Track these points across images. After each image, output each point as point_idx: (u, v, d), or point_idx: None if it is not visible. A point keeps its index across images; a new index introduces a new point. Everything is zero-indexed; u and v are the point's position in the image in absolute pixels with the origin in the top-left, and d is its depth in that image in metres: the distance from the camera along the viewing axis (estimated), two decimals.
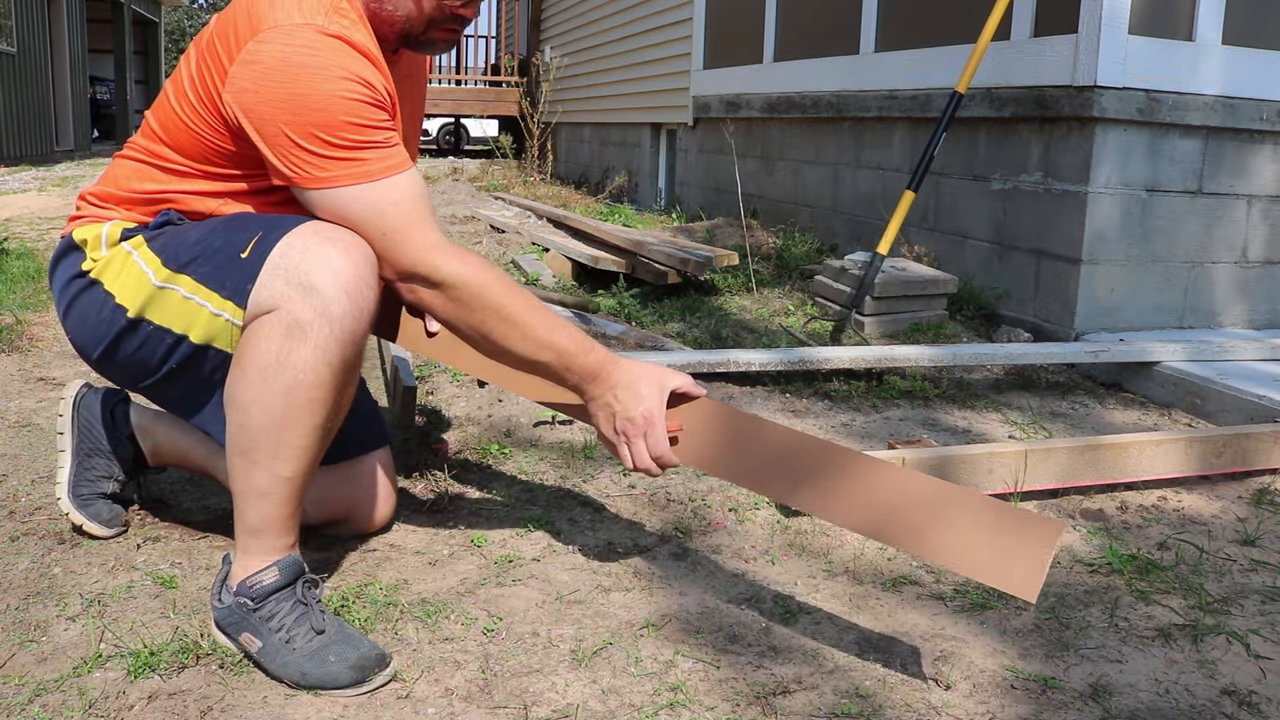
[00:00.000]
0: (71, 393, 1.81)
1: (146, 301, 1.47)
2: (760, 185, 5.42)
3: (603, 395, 1.52)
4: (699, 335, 3.28)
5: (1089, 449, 2.07)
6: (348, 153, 1.37)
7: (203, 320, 1.45)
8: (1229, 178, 3.31)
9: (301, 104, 1.35)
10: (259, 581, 1.40)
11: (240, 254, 1.40)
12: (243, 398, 1.38)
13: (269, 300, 1.37)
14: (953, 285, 3.49)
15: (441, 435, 2.32)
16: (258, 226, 1.44)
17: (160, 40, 23.66)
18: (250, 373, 1.37)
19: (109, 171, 1.60)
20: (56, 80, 14.80)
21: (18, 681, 1.33)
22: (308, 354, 1.35)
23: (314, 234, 1.39)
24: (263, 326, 1.37)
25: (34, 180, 9.52)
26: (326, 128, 1.35)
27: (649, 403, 1.51)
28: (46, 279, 4.09)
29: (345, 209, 1.40)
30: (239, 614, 1.40)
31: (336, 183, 1.38)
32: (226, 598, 1.42)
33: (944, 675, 1.42)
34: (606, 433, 1.55)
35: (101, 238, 1.52)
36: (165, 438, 1.79)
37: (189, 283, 1.44)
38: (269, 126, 1.37)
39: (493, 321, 1.45)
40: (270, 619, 1.38)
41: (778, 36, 5.40)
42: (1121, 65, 3.10)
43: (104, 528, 1.74)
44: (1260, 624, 1.60)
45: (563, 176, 9.53)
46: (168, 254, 1.47)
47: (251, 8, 1.41)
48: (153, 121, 1.53)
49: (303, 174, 1.38)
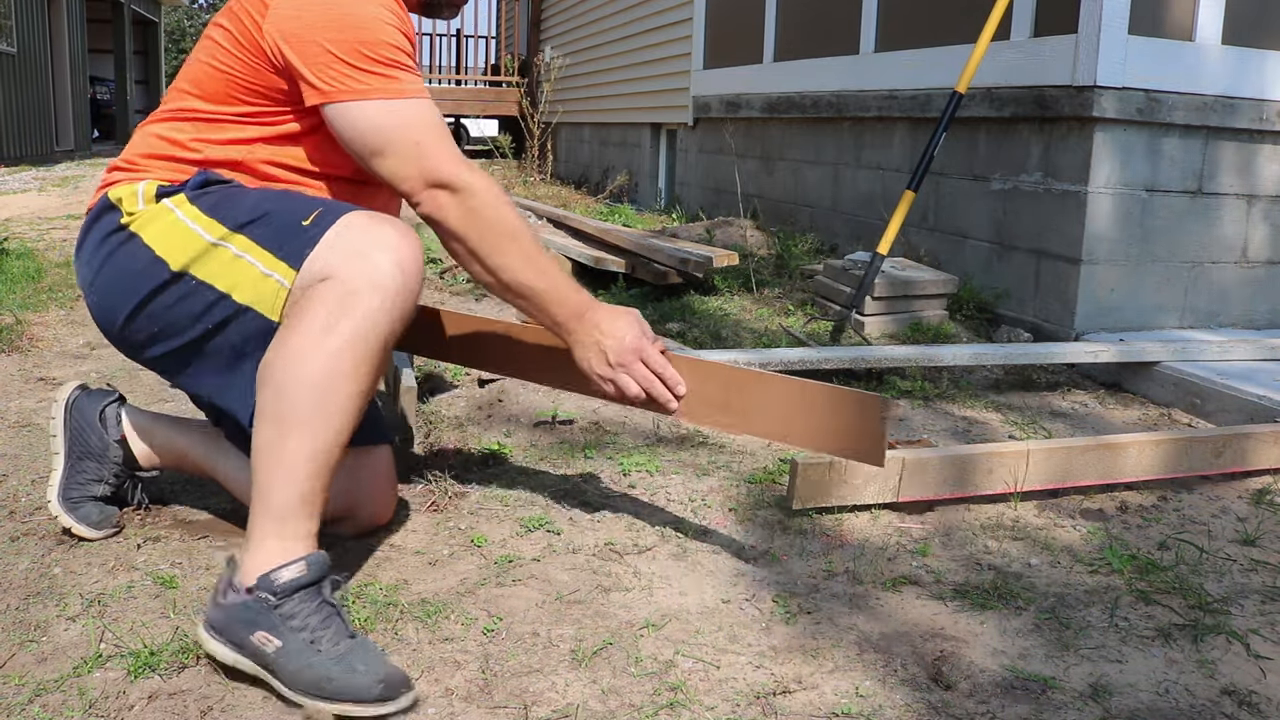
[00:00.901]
0: (64, 395, 1.80)
1: (194, 257, 1.48)
2: (760, 185, 5.42)
3: (589, 334, 1.57)
4: (699, 335, 3.28)
5: (1089, 449, 2.07)
6: (384, 68, 1.46)
7: (251, 279, 1.46)
8: (1229, 178, 3.31)
9: (345, 22, 1.45)
10: (283, 576, 1.32)
11: (302, 221, 1.44)
12: (286, 360, 1.37)
13: (324, 269, 1.40)
14: (953, 285, 3.49)
15: (441, 435, 2.33)
16: (319, 202, 1.49)
17: (160, 40, 23.67)
18: (298, 335, 1.37)
19: (135, 142, 1.63)
20: (56, 80, 14.80)
21: (18, 681, 1.33)
22: (358, 320, 1.37)
23: (373, 217, 1.45)
24: (317, 292, 1.39)
25: (34, 180, 9.52)
26: (367, 44, 1.45)
27: (634, 330, 1.57)
28: (48, 277, 4.10)
29: (378, 118, 1.46)
30: (252, 611, 1.31)
31: (373, 94, 1.46)
32: (233, 595, 1.33)
33: (944, 675, 1.42)
34: (599, 369, 1.58)
35: (138, 194, 1.54)
36: (162, 439, 1.79)
37: (243, 241, 1.47)
38: (310, 46, 1.45)
39: (497, 236, 1.51)
40: (292, 617, 1.30)
41: (778, 36, 5.40)
42: (1121, 65, 3.10)
43: (93, 530, 1.73)
44: (1260, 624, 1.60)
45: (563, 176, 9.53)
46: (221, 213, 1.49)
47: None
48: (181, 84, 1.60)
49: (340, 86, 1.45)
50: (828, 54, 4.80)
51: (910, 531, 1.91)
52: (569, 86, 9.46)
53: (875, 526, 1.92)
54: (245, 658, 1.32)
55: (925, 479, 1.96)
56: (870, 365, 2.84)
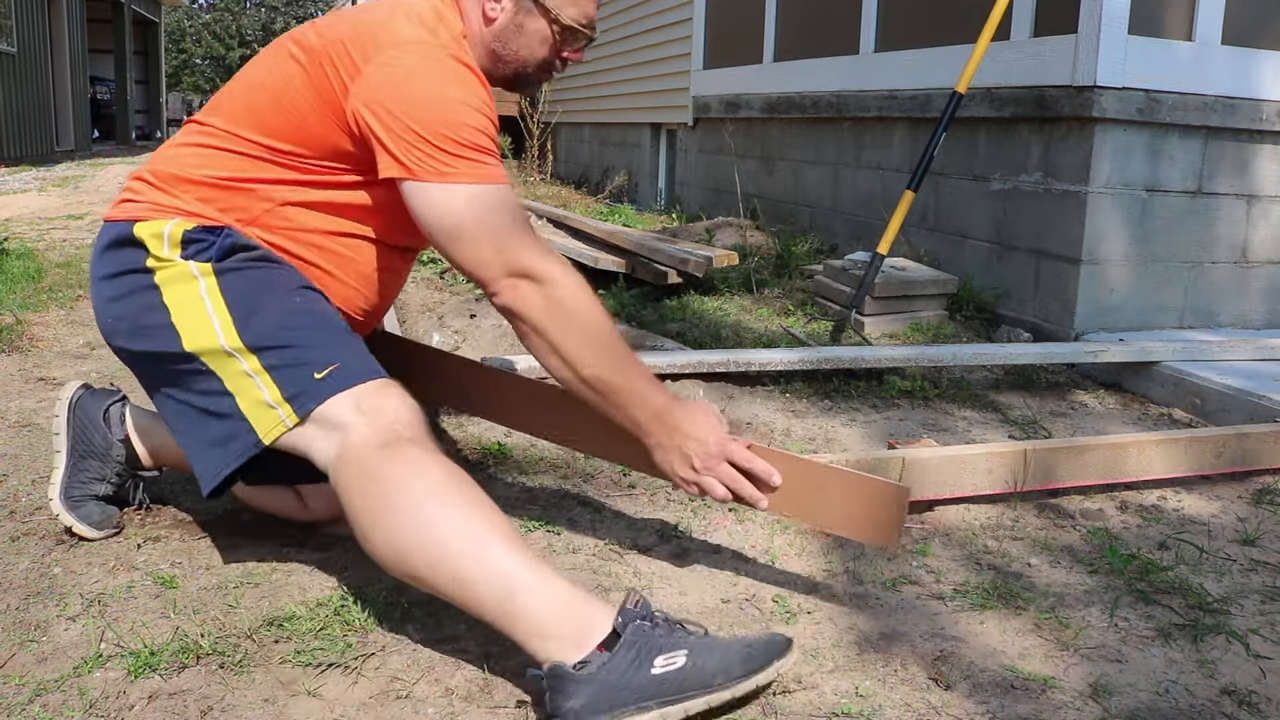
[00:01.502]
0: (68, 394, 1.80)
1: (206, 351, 1.47)
2: (760, 185, 5.42)
3: (671, 438, 1.52)
4: (699, 335, 3.28)
5: (1089, 449, 2.07)
6: (471, 153, 1.44)
7: (254, 399, 1.44)
8: (1228, 178, 3.31)
9: (434, 104, 1.44)
10: (631, 610, 1.28)
11: (315, 374, 1.42)
12: (402, 537, 1.31)
13: (335, 417, 1.39)
14: (952, 285, 3.49)
15: (442, 435, 2.33)
16: (338, 349, 1.46)
17: (160, 40, 23.66)
18: (385, 514, 1.32)
19: (169, 157, 1.58)
20: (56, 80, 14.80)
21: (18, 681, 1.33)
22: (404, 470, 1.33)
23: (382, 388, 1.43)
24: (347, 465, 1.36)
25: (34, 180, 9.52)
26: (455, 128, 1.43)
27: (716, 431, 1.54)
28: (48, 277, 4.10)
29: (458, 202, 1.44)
30: (637, 643, 1.24)
31: (456, 179, 1.44)
32: (597, 657, 1.24)
33: (944, 675, 1.42)
34: (683, 473, 1.54)
35: (163, 237, 1.51)
36: (165, 439, 1.79)
37: (255, 364, 1.45)
38: (397, 122, 1.43)
39: (580, 329, 1.47)
40: (673, 632, 1.28)
41: (778, 36, 5.40)
42: (1121, 65, 3.10)
43: (94, 529, 1.73)
44: (1260, 624, 1.60)
45: (562, 176, 9.53)
46: (243, 321, 1.47)
47: (389, 21, 1.51)
48: (239, 104, 1.56)
49: (424, 167, 1.43)
50: (828, 54, 4.80)
51: (910, 531, 1.91)
52: (569, 86, 9.46)
53: None
54: (660, 706, 1.24)
55: (925, 479, 1.96)
56: (870, 365, 2.84)
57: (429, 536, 1.29)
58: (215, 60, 38.85)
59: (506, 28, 1.60)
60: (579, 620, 1.27)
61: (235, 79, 1.61)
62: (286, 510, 1.77)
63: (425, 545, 1.29)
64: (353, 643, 1.45)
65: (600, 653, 1.24)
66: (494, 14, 1.59)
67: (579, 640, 1.25)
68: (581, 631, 1.26)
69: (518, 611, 1.26)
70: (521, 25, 1.60)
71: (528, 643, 1.27)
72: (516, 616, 1.27)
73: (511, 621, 1.27)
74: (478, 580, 1.28)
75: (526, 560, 1.29)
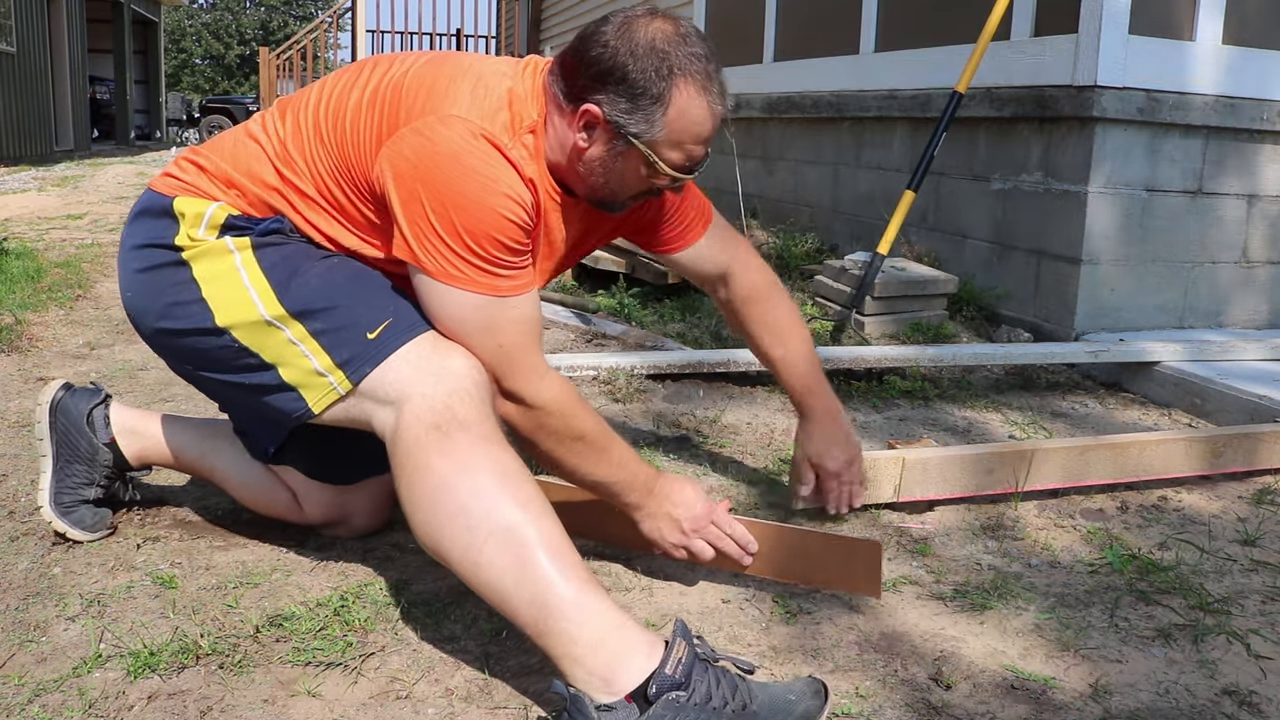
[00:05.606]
0: (47, 397, 1.76)
1: (243, 324, 1.43)
2: (760, 185, 5.42)
3: (659, 506, 1.56)
4: (699, 335, 3.28)
5: (1089, 449, 2.07)
6: (484, 263, 1.35)
7: (302, 369, 1.41)
8: (1229, 178, 3.31)
9: (458, 202, 1.33)
10: (668, 676, 1.19)
11: (367, 334, 1.38)
12: (440, 535, 1.29)
13: (392, 393, 1.35)
14: (953, 285, 3.49)
15: None
16: (389, 307, 1.41)
17: (160, 40, 23.65)
18: (427, 508, 1.30)
19: (228, 145, 1.53)
20: (56, 80, 14.80)
21: (18, 681, 1.33)
22: (468, 448, 1.31)
23: (438, 344, 1.38)
24: (397, 447, 1.32)
25: (34, 180, 9.52)
26: (473, 234, 1.34)
27: (701, 497, 1.59)
28: (48, 277, 4.10)
29: (463, 311, 1.37)
30: (665, 718, 1.17)
31: (463, 285, 1.36)
32: (624, 710, 1.18)
33: (944, 675, 1.42)
34: (672, 537, 1.57)
35: (204, 218, 1.47)
36: (153, 440, 1.78)
37: (300, 331, 1.41)
38: (415, 205, 1.34)
39: (569, 443, 1.48)
40: (708, 700, 1.19)
41: (778, 36, 5.40)
42: (1121, 65, 3.10)
43: (88, 533, 1.73)
44: (1260, 624, 1.60)
45: None
46: (283, 287, 1.42)
47: (453, 82, 1.40)
48: (305, 115, 1.48)
49: (433, 263, 1.35)
50: (828, 54, 4.80)
51: (910, 531, 1.91)
52: None
53: (875, 526, 1.92)
54: None
55: (925, 479, 1.96)
56: (870, 365, 2.84)
57: (468, 538, 1.27)
58: (215, 60, 38.82)
59: (596, 160, 1.43)
60: (610, 655, 1.21)
61: (318, 88, 1.52)
62: (282, 513, 1.76)
63: (463, 548, 1.27)
64: (353, 643, 1.45)
65: (629, 705, 1.18)
66: (584, 145, 1.42)
67: (608, 677, 1.20)
68: (611, 667, 1.20)
69: (552, 629, 1.23)
70: (614, 164, 1.44)
71: (559, 662, 1.23)
72: (550, 633, 1.23)
73: (545, 637, 1.24)
74: (513, 590, 1.25)
75: (570, 575, 1.25)
